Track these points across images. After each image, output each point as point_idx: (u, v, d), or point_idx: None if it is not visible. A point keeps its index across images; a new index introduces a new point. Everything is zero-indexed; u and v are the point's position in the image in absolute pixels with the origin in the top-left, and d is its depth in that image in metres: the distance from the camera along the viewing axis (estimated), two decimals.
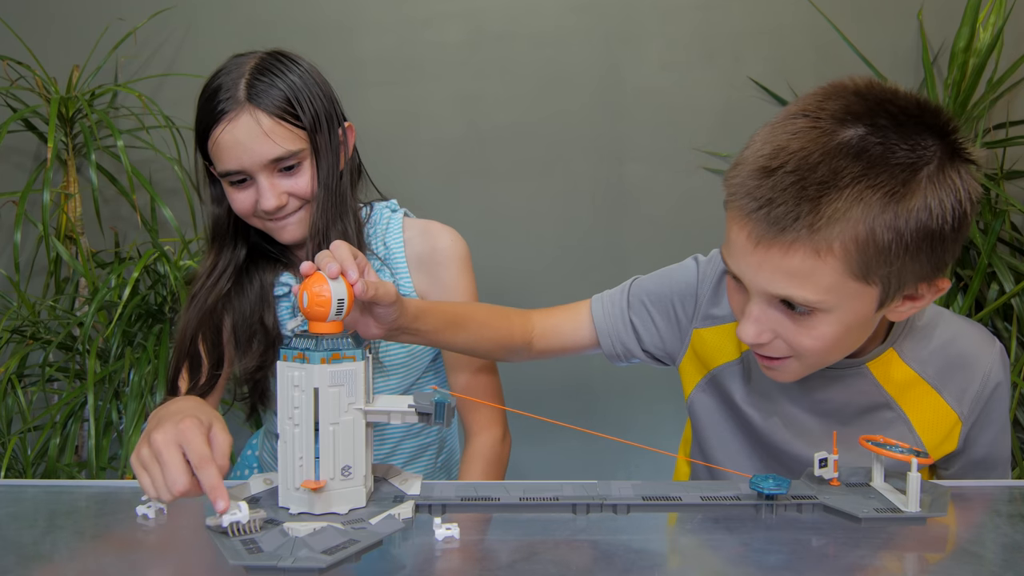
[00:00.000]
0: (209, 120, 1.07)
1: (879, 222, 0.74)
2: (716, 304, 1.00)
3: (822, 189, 0.74)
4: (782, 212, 0.75)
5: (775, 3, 1.88)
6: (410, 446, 1.27)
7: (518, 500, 0.81)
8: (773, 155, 0.76)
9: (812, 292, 0.77)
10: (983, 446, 0.95)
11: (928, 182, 0.74)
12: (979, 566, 0.71)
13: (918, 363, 0.93)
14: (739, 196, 0.78)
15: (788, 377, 0.88)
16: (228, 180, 1.10)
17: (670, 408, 1.91)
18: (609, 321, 1.07)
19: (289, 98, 1.08)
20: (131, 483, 0.92)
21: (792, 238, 0.75)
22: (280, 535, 0.70)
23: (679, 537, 0.83)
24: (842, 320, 0.80)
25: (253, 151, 1.06)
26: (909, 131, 0.75)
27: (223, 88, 1.07)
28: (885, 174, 0.74)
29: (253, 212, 1.10)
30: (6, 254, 1.96)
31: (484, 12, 1.92)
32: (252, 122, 1.06)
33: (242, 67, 1.09)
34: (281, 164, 1.08)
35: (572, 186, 1.95)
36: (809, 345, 0.81)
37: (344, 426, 0.74)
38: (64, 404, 1.63)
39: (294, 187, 1.10)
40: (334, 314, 0.76)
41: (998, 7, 1.74)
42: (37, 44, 1.88)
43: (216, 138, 1.07)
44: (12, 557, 0.74)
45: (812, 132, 0.76)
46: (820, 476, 0.86)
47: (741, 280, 0.82)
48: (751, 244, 0.78)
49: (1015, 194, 1.86)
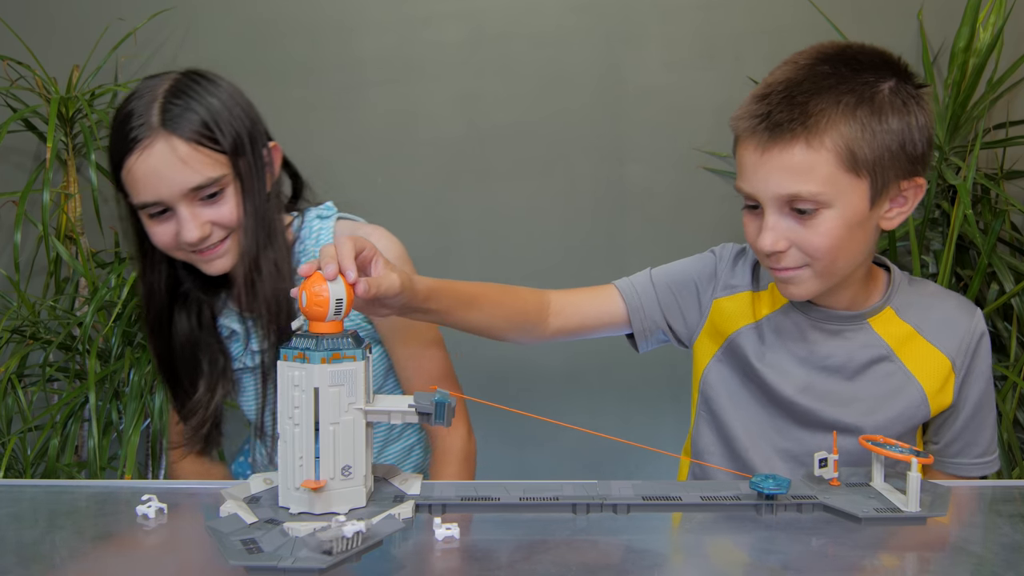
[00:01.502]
0: (122, 149, 1.00)
1: (858, 116, 0.91)
2: (733, 275, 1.12)
3: (808, 95, 0.91)
4: (779, 118, 0.92)
5: (775, 3, 1.88)
6: (396, 450, 1.26)
7: (518, 500, 0.81)
8: (765, 86, 0.95)
9: (814, 184, 0.91)
10: (972, 402, 1.05)
11: (890, 92, 0.93)
12: (979, 566, 0.71)
13: (913, 319, 1.04)
14: (743, 120, 0.95)
15: (804, 289, 0.99)
16: (146, 212, 1.03)
17: (670, 408, 1.91)
18: (637, 298, 1.13)
19: (207, 121, 1.01)
20: (131, 483, 0.92)
21: (790, 136, 0.91)
22: (280, 535, 0.70)
23: (679, 537, 0.83)
24: (843, 215, 0.93)
25: (170, 180, 1.00)
26: (869, 64, 0.94)
27: (135, 114, 1.00)
28: (856, 82, 0.92)
29: (176, 245, 1.04)
30: (6, 254, 1.96)
31: (484, 12, 1.92)
32: (167, 149, 0.99)
33: (155, 90, 1.02)
34: (202, 192, 1.02)
35: (572, 186, 1.95)
36: (819, 243, 0.94)
37: (344, 426, 0.75)
38: (64, 404, 1.63)
39: (217, 216, 1.03)
40: (332, 314, 0.76)
41: (998, 7, 1.74)
42: (37, 44, 1.88)
43: (130, 168, 1.00)
44: (12, 557, 0.74)
45: (794, 67, 0.95)
46: (820, 476, 0.86)
47: (754, 195, 0.96)
48: (758, 154, 0.94)
49: (1015, 194, 1.86)
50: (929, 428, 1.09)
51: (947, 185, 1.78)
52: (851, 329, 1.04)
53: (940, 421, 1.07)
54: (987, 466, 1.08)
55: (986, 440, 1.07)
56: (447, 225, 1.24)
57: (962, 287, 1.76)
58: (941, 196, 1.80)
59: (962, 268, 1.77)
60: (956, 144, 1.80)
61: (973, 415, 1.05)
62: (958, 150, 1.80)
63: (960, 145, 1.81)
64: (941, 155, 1.77)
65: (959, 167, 1.75)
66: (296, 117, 1.90)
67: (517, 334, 1.08)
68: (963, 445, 1.06)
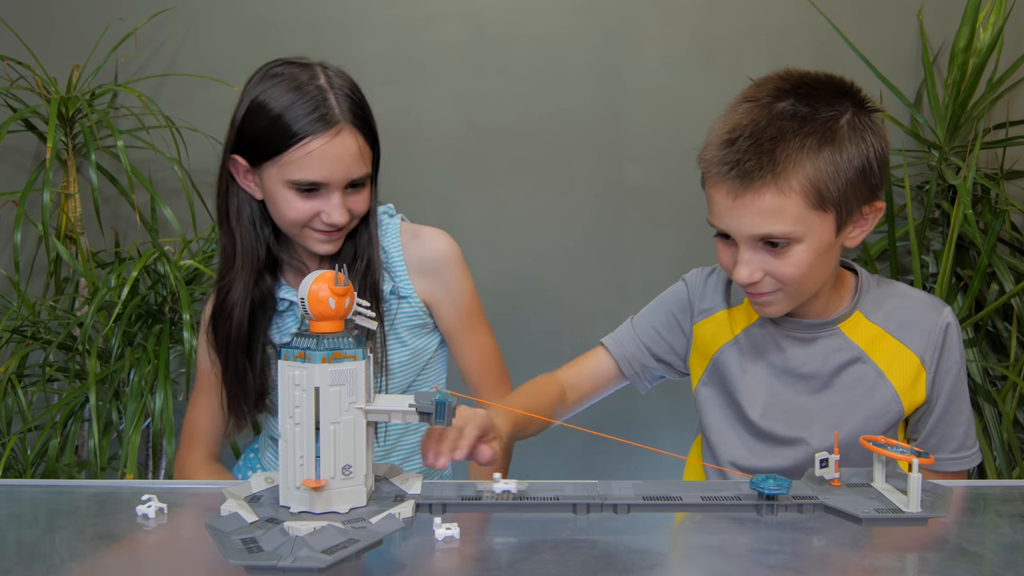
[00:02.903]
0: (308, 127, 1.08)
1: (822, 156, 0.96)
2: (705, 299, 1.18)
3: (774, 143, 0.96)
4: (749, 167, 0.96)
5: (775, 3, 1.88)
6: (410, 442, 1.27)
7: (518, 500, 0.81)
8: (731, 130, 0.99)
9: (785, 224, 0.97)
10: (944, 396, 1.08)
11: (849, 127, 0.98)
12: (979, 566, 0.71)
13: (881, 320, 1.08)
14: (713, 166, 0.99)
15: (777, 309, 1.05)
16: (297, 187, 1.10)
17: (670, 408, 1.91)
18: (622, 347, 1.20)
19: (371, 122, 1.14)
20: (131, 483, 0.92)
21: (760, 184, 0.96)
22: (280, 534, 0.70)
23: (679, 537, 0.83)
24: (812, 247, 0.99)
25: (346, 168, 1.10)
26: (824, 95, 0.99)
27: (324, 100, 1.09)
28: (816, 124, 0.97)
29: (306, 221, 1.12)
30: (6, 254, 1.96)
31: (484, 12, 1.92)
32: (352, 141, 1.10)
33: (332, 81, 1.12)
34: (356, 183, 1.13)
35: (572, 186, 1.95)
36: (790, 272, 0.99)
37: (345, 425, 0.75)
38: (64, 404, 1.63)
39: (356, 205, 1.14)
40: None
41: (998, 7, 1.74)
42: (37, 44, 1.88)
43: (313, 147, 1.08)
44: (12, 557, 0.74)
45: (756, 108, 0.99)
46: (821, 476, 0.86)
47: (728, 233, 1.01)
48: (730, 199, 0.98)
49: (1015, 194, 1.86)
50: (908, 426, 1.12)
51: (947, 185, 1.79)
52: (823, 336, 1.09)
53: (916, 418, 1.10)
54: (964, 461, 1.09)
55: (960, 434, 1.09)
56: (447, 225, 1.25)
57: (962, 287, 1.76)
58: (941, 196, 1.80)
59: (962, 268, 1.77)
60: (956, 144, 1.80)
61: (946, 409, 1.08)
62: (958, 150, 1.80)
63: (960, 145, 1.81)
64: (941, 155, 1.77)
65: (959, 167, 1.75)
66: None
67: (551, 416, 1.16)
68: (939, 440, 1.09)
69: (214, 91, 1.86)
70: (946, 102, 1.79)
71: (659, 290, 1.23)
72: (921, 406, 1.08)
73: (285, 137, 1.09)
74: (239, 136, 1.13)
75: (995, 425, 1.62)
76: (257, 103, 1.11)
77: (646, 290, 1.27)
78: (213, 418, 1.27)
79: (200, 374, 1.28)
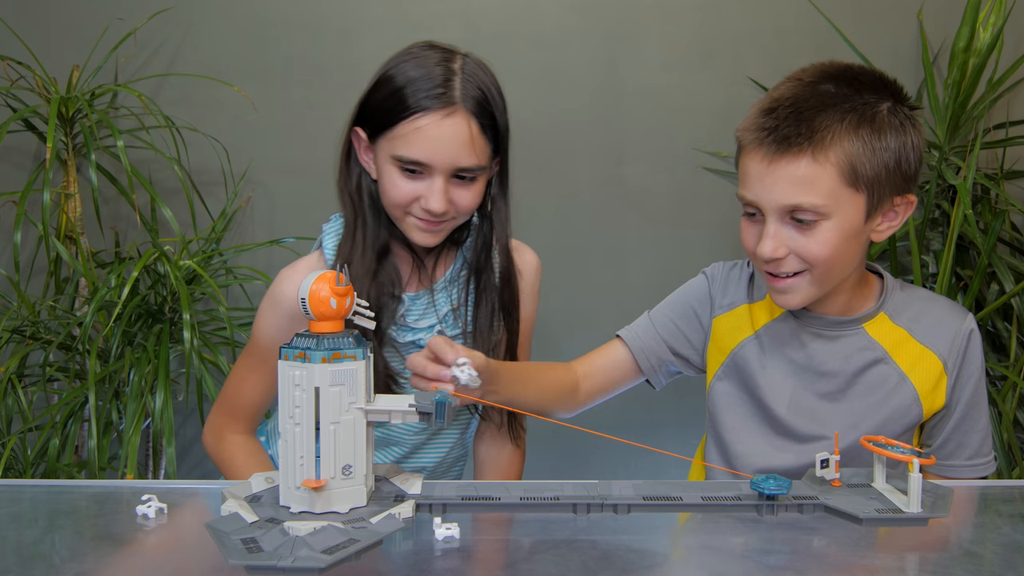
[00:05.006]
0: (422, 103, 1.05)
1: (860, 134, 0.96)
2: (727, 293, 1.16)
3: (814, 112, 0.96)
4: (787, 132, 0.96)
5: (775, 3, 1.88)
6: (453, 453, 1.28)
7: (518, 500, 0.81)
8: (772, 102, 1.00)
9: (816, 196, 0.96)
10: (963, 403, 1.07)
11: (889, 113, 0.99)
12: (980, 566, 0.71)
13: (906, 323, 1.08)
14: (750, 132, 1.00)
15: (799, 297, 1.02)
16: (402, 165, 1.08)
17: (670, 408, 1.91)
18: (639, 339, 1.18)
19: (495, 116, 1.11)
20: (131, 483, 0.92)
21: (797, 150, 0.96)
22: (280, 534, 0.70)
23: (679, 537, 0.83)
24: (840, 226, 0.98)
25: (454, 152, 1.07)
26: (868, 84, 1.00)
27: (443, 79, 1.06)
28: (858, 102, 0.98)
29: (407, 204, 1.09)
30: (6, 254, 1.96)
31: (483, 12, 1.92)
32: (464, 125, 1.07)
33: (466, 68, 1.09)
34: (463, 174, 1.09)
35: (572, 186, 1.95)
36: (816, 251, 0.98)
37: (345, 425, 0.75)
38: (64, 404, 1.63)
39: (460, 198, 1.10)
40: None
41: (998, 7, 1.74)
42: (37, 44, 1.88)
43: (423, 124, 1.05)
44: (12, 557, 0.74)
45: (798, 85, 1.00)
46: (822, 477, 0.86)
47: (757, 203, 1.00)
48: (765, 164, 0.98)
49: (1015, 194, 1.86)
50: (924, 431, 1.11)
51: (947, 185, 1.78)
52: (847, 334, 1.08)
53: (934, 423, 1.09)
54: (980, 468, 1.09)
55: (976, 442, 1.08)
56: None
57: (962, 287, 1.76)
58: (941, 196, 1.80)
59: (962, 268, 1.77)
60: (956, 144, 1.80)
61: (964, 416, 1.07)
62: (958, 150, 1.80)
63: (960, 145, 1.81)
64: (941, 155, 1.77)
65: (959, 167, 1.75)
66: (296, 117, 1.90)
67: (559, 405, 1.14)
68: (954, 446, 1.08)
69: (214, 91, 1.86)
70: (946, 102, 1.78)
71: (658, 290, 1.23)
72: (940, 411, 1.07)
73: (399, 109, 1.06)
74: (362, 107, 1.12)
75: (995, 425, 1.62)
76: (386, 76, 1.09)
77: (645, 290, 1.27)
78: (265, 396, 1.21)
79: (259, 348, 1.19)
